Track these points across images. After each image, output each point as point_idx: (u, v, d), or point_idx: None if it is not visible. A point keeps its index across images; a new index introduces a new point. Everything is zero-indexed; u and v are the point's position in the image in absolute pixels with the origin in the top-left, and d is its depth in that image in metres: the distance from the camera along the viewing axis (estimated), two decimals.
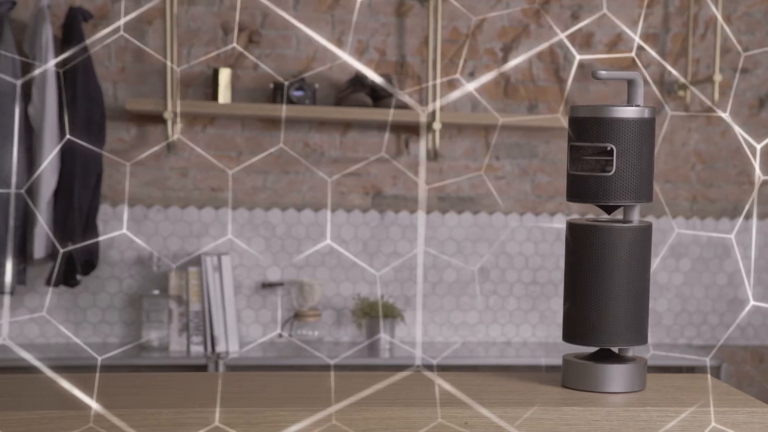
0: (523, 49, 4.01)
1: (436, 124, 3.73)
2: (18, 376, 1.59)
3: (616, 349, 1.64)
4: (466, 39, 3.83)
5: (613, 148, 1.54)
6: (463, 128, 4.00)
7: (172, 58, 3.76)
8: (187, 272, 3.74)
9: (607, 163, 1.56)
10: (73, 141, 3.55)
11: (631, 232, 1.56)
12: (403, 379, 1.59)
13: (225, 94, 3.78)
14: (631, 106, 1.57)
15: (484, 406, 1.44)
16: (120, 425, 1.36)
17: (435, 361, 3.60)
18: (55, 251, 3.56)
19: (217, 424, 1.37)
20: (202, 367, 3.68)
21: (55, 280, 3.57)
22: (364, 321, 3.85)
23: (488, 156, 3.99)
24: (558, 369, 3.82)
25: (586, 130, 1.56)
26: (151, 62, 3.87)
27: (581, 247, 1.56)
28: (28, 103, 3.53)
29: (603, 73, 1.56)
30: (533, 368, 3.84)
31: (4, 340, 3.81)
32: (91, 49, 3.80)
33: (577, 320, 1.57)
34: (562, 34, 3.51)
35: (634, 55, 4.03)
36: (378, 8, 3.94)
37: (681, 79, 3.89)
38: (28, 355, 2.95)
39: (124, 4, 3.83)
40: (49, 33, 3.55)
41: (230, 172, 3.90)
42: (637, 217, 1.60)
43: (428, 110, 3.79)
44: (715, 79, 3.68)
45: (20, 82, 3.28)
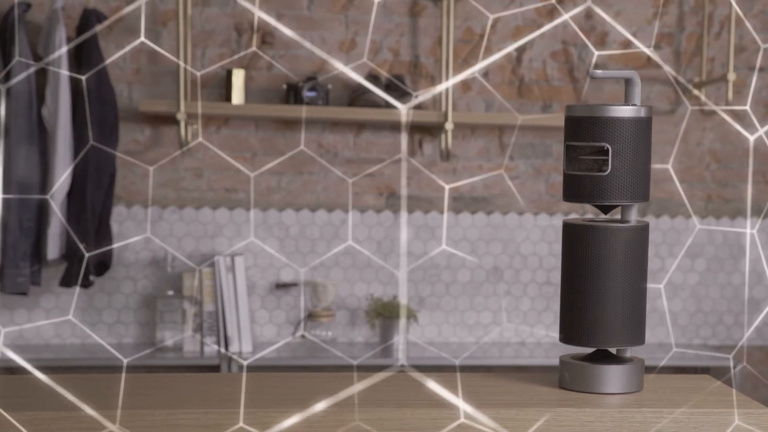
0: (538, 49, 4.00)
1: (448, 125, 3.73)
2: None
3: (614, 350, 1.63)
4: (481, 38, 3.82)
5: (609, 147, 1.53)
6: (477, 128, 4.00)
7: (187, 60, 3.78)
8: (201, 273, 3.76)
9: (603, 162, 1.55)
10: (82, 143, 3.57)
11: (626, 232, 1.55)
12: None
13: (239, 95, 3.79)
14: (628, 105, 1.56)
15: (478, 407, 1.44)
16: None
17: (457, 362, 3.60)
18: (69, 252, 3.59)
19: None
20: (216, 368, 3.69)
21: (68, 281, 3.60)
22: (377, 321, 3.85)
23: (507, 155, 3.98)
24: None
25: (582, 130, 1.55)
26: (166, 63, 3.89)
27: (577, 247, 1.56)
28: (41, 104, 3.56)
29: (599, 72, 1.55)
30: (547, 369, 3.83)
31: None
32: (108, 57, 3.82)
33: (574, 321, 1.57)
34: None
35: (651, 49, 4.00)
36: (392, 8, 3.94)
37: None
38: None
39: (144, 10, 3.85)
40: (63, 35, 3.57)
41: (252, 175, 3.91)
42: (635, 216, 1.59)
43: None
44: (729, 78, 3.66)
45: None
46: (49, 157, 3.57)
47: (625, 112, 1.54)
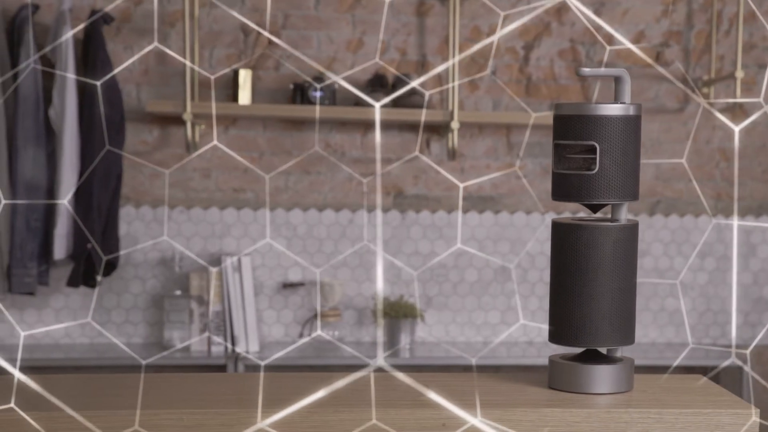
0: (545, 48, 3.98)
1: (454, 124, 3.72)
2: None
3: (605, 350, 1.62)
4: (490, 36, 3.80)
5: (596, 145, 1.52)
6: (484, 127, 3.98)
7: (194, 61, 3.78)
8: (208, 273, 3.77)
9: (591, 161, 1.54)
10: (89, 144, 3.59)
11: (615, 231, 1.53)
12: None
13: (245, 95, 3.79)
14: (617, 103, 1.55)
15: (463, 407, 1.43)
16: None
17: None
18: (75, 252, 3.60)
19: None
20: (222, 367, 3.70)
21: (75, 281, 3.61)
22: (384, 321, 3.85)
23: (521, 152, 3.97)
24: None
25: (570, 128, 1.54)
26: (174, 64, 3.89)
27: (565, 246, 1.55)
28: (48, 106, 3.57)
29: (586, 71, 1.54)
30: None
31: None
32: (116, 58, 3.83)
33: (563, 320, 1.56)
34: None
35: (660, 47, 3.98)
36: (399, 8, 3.94)
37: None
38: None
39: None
40: (70, 36, 3.58)
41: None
42: (625, 215, 1.58)
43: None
44: (737, 76, 3.63)
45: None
46: (57, 159, 3.58)
47: (613, 110, 1.53)
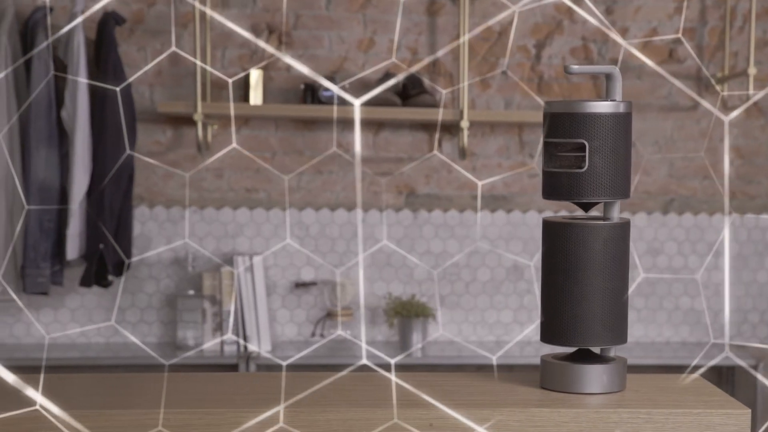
0: (557, 46, 3.97)
1: (464, 123, 3.71)
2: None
3: (597, 350, 1.61)
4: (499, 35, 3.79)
5: (586, 143, 1.51)
6: (496, 126, 3.97)
7: (206, 61, 3.80)
8: (221, 272, 3.78)
9: (582, 159, 1.53)
10: (100, 145, 3.61)
11: (606, 230, 1.52)
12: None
13: (256, 96, 3.80)
14: (607, 101, 1.54)
15: (451, 407, 1.43)
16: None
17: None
18: (88, 252, 3.62)
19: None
20: (234, 367, 3.71)
21: (87, 281, 3.63)
22: (396, 320, 3.85)
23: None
24: None
25: (560, 126, 1.53)
26: (187, 65, 3.91)
27: (556, 245, 1.54)
28: (60, 107, 3.60)
29: (575, 68, 1.54)
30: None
31: None
32: (128, 60, 3.85)
33: (554, 319, 1.55)
34: None
35: (681, 36, 3.95)
36: (410, 7, 3.93)
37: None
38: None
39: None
40: (82, 38, 3.61)
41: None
42: (617, 214, 1.57)
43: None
44: (750, 72, 3.60)
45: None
46: (69, 160, 3.60)
47: (603, 107, 1.52)
